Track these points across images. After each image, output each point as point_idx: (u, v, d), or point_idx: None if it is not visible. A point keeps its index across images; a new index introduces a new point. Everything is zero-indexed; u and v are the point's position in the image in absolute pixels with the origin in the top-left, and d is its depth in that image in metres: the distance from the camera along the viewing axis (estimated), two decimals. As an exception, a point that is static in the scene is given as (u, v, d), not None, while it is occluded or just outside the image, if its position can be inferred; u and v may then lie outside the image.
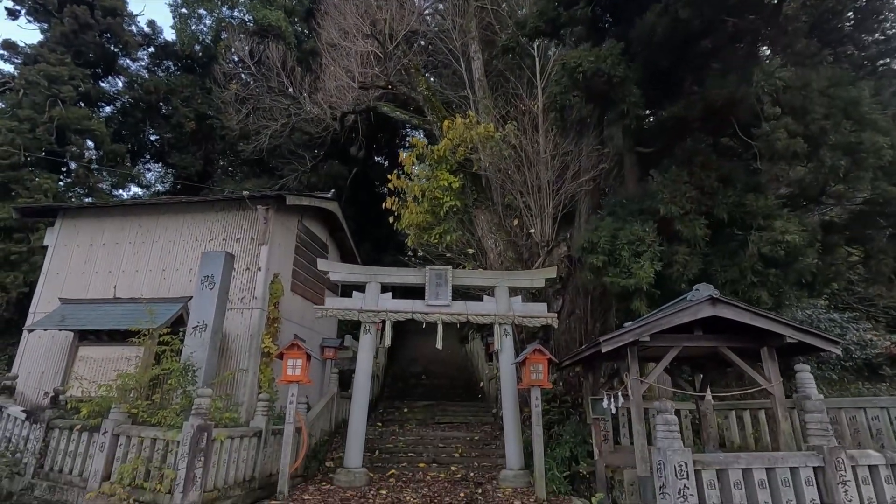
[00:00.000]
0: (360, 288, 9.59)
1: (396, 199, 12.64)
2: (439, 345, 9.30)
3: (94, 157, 21.97)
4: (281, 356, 7.73)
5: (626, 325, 7.98)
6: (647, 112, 9.42)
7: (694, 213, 8.99)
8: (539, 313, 9.55)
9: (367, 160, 26.57)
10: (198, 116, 24.48)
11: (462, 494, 7.88)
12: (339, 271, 9.61)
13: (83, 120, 19.36)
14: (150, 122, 24.58)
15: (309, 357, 7.92)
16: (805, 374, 6.44)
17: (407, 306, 9.47)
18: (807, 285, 8.85)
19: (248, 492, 7.19)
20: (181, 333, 8.69)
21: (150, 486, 6.17)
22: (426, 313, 9.39)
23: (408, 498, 7.61)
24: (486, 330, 20.56)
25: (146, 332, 7.99)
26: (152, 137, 26.18)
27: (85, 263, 11.35)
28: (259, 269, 10.70)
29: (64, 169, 21.27)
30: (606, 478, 7.64)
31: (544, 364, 7.96)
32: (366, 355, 9.15)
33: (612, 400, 6.93)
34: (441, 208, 11.81)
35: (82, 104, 21.51)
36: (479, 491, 8.16)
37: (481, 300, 9.81)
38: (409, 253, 27.77)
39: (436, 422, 13.37)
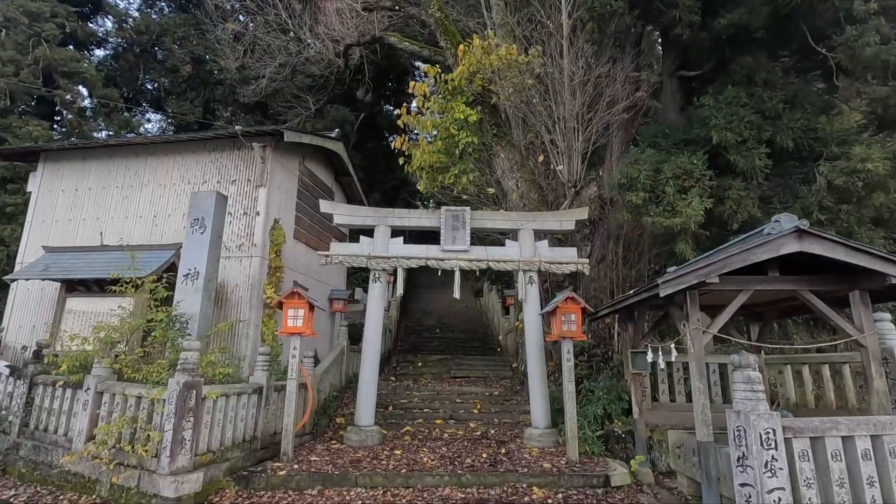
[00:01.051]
0: (369, 233, 8.61)
1: (407, 139, 11.45)
2: (457, 294, 8.38)
3: (88, 104, 20.84)
4: (280, 306, 6.87)
5: (668, 270, 6.95)
6: (700, 21, 7.96)
7: (753, 140, 7.72)
8: (568, 259, 8.52)
9: (375, 106, 25.05)
10: (194, 59, 22.97)
11: (484, 455, 7.16)
12: (343, 213, 8.61)
13: (71, 62, 18.09)
14: (144, 66, 23.14)
15: (312, 307, 7.05)
16: (887, 324, 5.44)
17: (420, 252, 8.50)
18: (883, 223, 7.65)
19: (249, 453, 6.52)
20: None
21: (136, 450, 5.47)
22: (442, 259, 8.42)
23: (425, 459, 6.91)
24: (501, 282, 19.74)
25: (135, 282, 7.14)
26: (149, 86, 24.82)
27: (71, 210, 10.49)
28: (257, 213, 9.74)
29: (58, 118, 20.26)
30: (646, 439, 6.84)
31: (577, 313, 7.01)
32: (376, 306, 8.28)
33: (660, 353, 6.00)
34: (456, 146, 10.62)
35: (71, 46, 20.17)
36: (503, 451, 7.44)
37: (503, 245, 8.78)
38: (422, 200, 26.65)
39: (452, 376, 12.70)
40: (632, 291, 5.79)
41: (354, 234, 9.03)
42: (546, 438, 7.67)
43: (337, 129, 13.22)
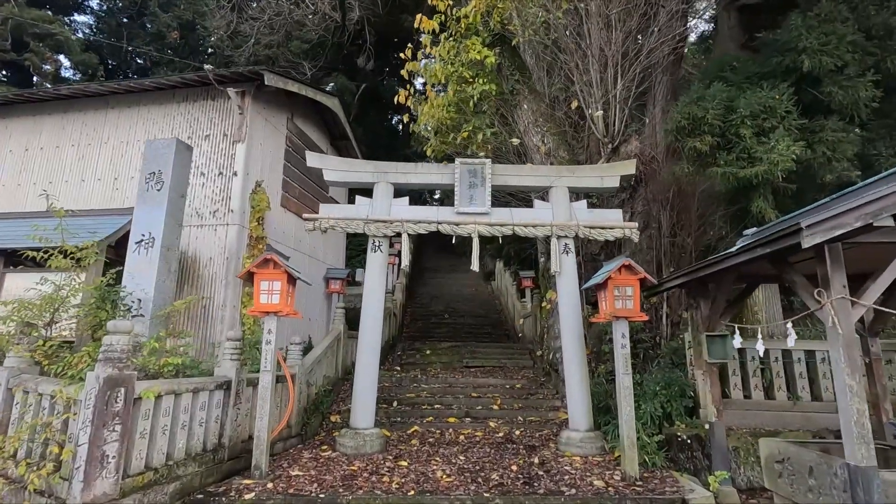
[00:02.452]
0: (368, 194, 7.03)
1: (413, 92, 9.80)
2: (475, 266, 6.80)
3: (69, 74, 19.26)
4: (250, 277, 5.31)
5: (746, 233, 5.33)
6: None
7: (855, 66, 6.02)
8: (612, 222, 6.90)
9: (378, 76, 23.27)
10: (181, 25, 21.30)
11: (514, 467, 5.63)
12: (335, 168, 7.00)
13: (43, 22, 16.49)
14: (128, 34, 21.47)
15: (292, 279, 5.49)
16: None
17: (430, 214, 6.91)
18: None
19: (211, 466, 5.02)
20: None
21: (46, 468, 3.97)
22: (456, 224, 6.82)
23: (438, 473, 5.38)
24: (515, 263, 18.13)
25: (67, 250, 5.61)
26: (137, 58, 23.17)
27: (20, 173, 8.96)
28: (235, 173, 8.16)
29: (35, 86, 18.71)
30: (728, 447, 5.27)
31: (635, 286, 5.41)
32: (375, 280, 6.72)
33: (755, 338, 4.40)
34: (471, 98, 8.97)
35: (49, 11, 18.53)
36: (536, 460, 5.90)
37: (531, 206, 7.16)
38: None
39: (465, 365, 11.17)
40: (734, 249, 4.16)
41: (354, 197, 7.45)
42: (589, 444, 6.13)
43: (332, 84, 11.56)
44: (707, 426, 5.49)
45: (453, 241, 7.14)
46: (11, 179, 8.94)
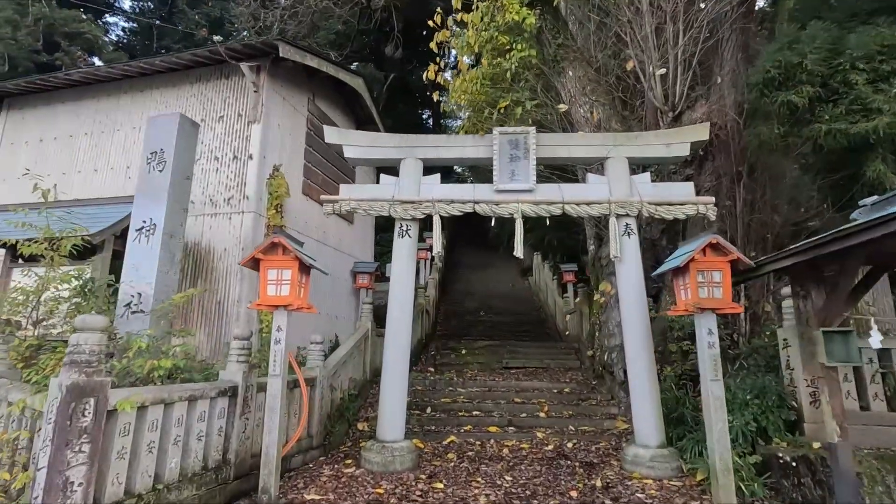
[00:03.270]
0: (394, 172, 6.16)
1: (443, 66, 8.89)
2: (518, 252, 5.81)
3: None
4: (255, 265, 4.51)
5: (863, 203, 4.13)
6: None
7: None
8: (683, 197, 5.78)
9: (405, 65, 22.47)
10: (210, 23, 21.11)
11: (573, 492, 4.62)
12: (356, 143, 6.15)
13: (73, 22, 16.47)
14: (158, 33, 21.46)
15: (306, 268, 4.66)
16: None
17: (465, 193, 5.97)
18: None
19: (214, 488, 4.25)
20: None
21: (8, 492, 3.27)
22: (496, 203, 5.85)
23: (482, 500, 4.44)
24: (554, 257, 16.94)
25: (56, 241, 4.97)
26: (166, 54, 23.24)
27: (35, 164, 8.54)
28: (250, 156, 7.45)
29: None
30: (855, 475, 4.10)
31: (724, 270, 4.30)
32: (403, 270, 5.83)
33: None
34: (507, 66, 7.98)
35: (85, 14, 18.60)
36: (598, 483, 4.88)
37: (582, 182, 6.13)
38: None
39: (504, 366, 10.19)
40: (868, 219, 3.05)
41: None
42: (662, 464, 5.05)
43: (356, 63, 10.79)
44: (820, 446, 4.33)
45: (492, 223, 6.17)
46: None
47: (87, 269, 6.25)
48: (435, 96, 9.33)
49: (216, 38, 6.96)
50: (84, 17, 17.15)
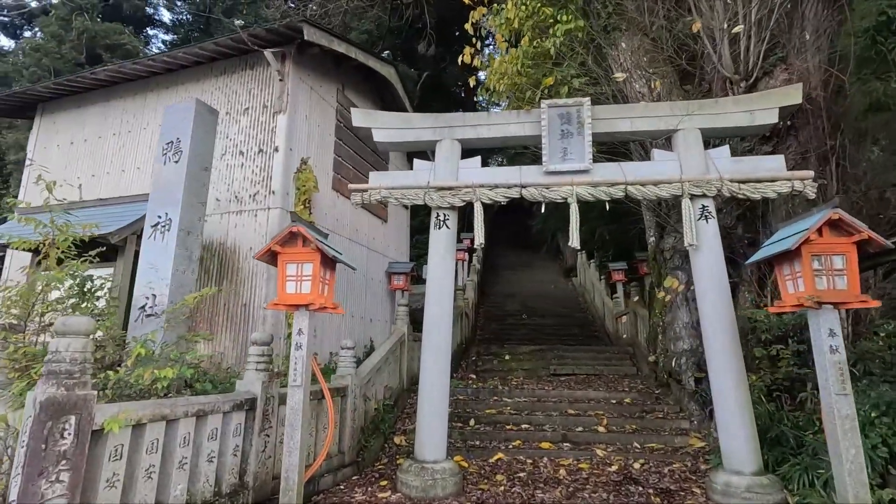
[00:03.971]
0: (429, 157, 5.51)
1: (480, 49, 8.21)
2: (575, 242, 5.01)
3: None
4: (272, 258, 3.92)
5: None
6: None
7: None
8: (773, 172, 4.84)
9: (440, 63, 21.93)
10: (243, 28, 21.26)
11: (654, 531, 3.78)
12: (387, 126, 5.52)
13: (114, 34, 16.80)
14: (193, 39, 21.78)
15: (330, 262, 4.04)
16: None
17: (510, 176, 5.23)
18: None
19: (228, 516, 3.67)
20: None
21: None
22: (547, 186, 5.09)
23: (541, 537, 3.67)
24: (602, 252, 15.87)
25: (51, 242, 4.57)
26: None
27: (66, 168, 8.42)
28: (276, 148, 6.98)
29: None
30: None
31: (849, 253, 3.38)
32: (441, 266, 5.14)
33: None
34: (551, 44, 7.22)
35: (125, 26, 19.06)
36: (683, 518, 4.01)
37: (647, 160, 5.28)
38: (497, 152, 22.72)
39: (552, 373, 9.34)
40: None
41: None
42: (762, 495, 4.12)
43: (387, 52, 10.25)
44: None
45: (541, 210, 5.39)
46: (59, 175, 8.37)
47: (85, 270, 5.89)
48: (471, 81, 8.62)
49: (238, 22, 6.54)
50: (125, 29, 17.48)
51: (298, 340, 3.84)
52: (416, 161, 5.44)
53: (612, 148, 6.84)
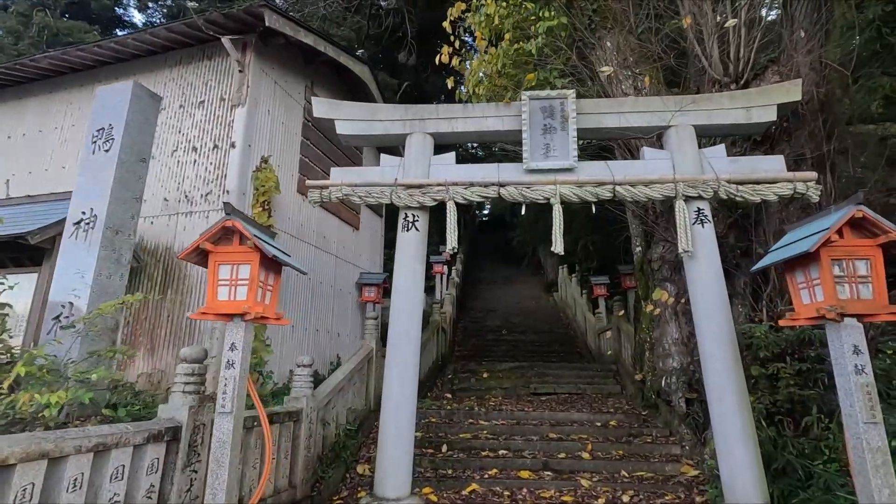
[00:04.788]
0: (399, 153, 4.97)
1: (458, 48, 7.81)
2: (558, 247, 4.49)
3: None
4: (203, 257, 3.29)
5: None
6: None
7: None
8: (773, 173, 4.44)
9: (420, 72, 21.61)
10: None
11: (652, 586, 3.20)
12: (350, 116, 4.97)
13: (78, 32, 16.00)
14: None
15: (274, 265, 3.43)
16: None
17: (487, 174, 4.71)
18: None
19: (135, 576, 2.96)
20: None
21: None
22: (528, 185, 4.58)
23: None
24: (585, 264, 15.46)
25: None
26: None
27: (1, 164, 7.61)
28: (232, 144, 6.35)
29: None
30: None
31: (874, 258, 2.93)
32: (410, 271, 4.56)
33: None
34: (532, 46, 6.87)
35: (90, 24, 18.25)
36: (683, 567, 3.44)
37: (635, 157, 4.83)
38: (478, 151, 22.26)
39: (533, 392, 8.78)
40: None
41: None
42: (770, 537, 3.59)
43: (362, 50, 9.78)
44: None
45: (522, 212, 4.89)
46: (-8, 172, 7.61)
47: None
48: (450, 83, 8.17)
49: (191, 4, 5.96)
50: (91, 28, 16.68)
51: (231, 357, 3.19)
52: (383, 156, 4.89)
53: (593, 152, 6.43)
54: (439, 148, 4.99)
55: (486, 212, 35.09)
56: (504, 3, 7.24)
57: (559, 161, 4.64)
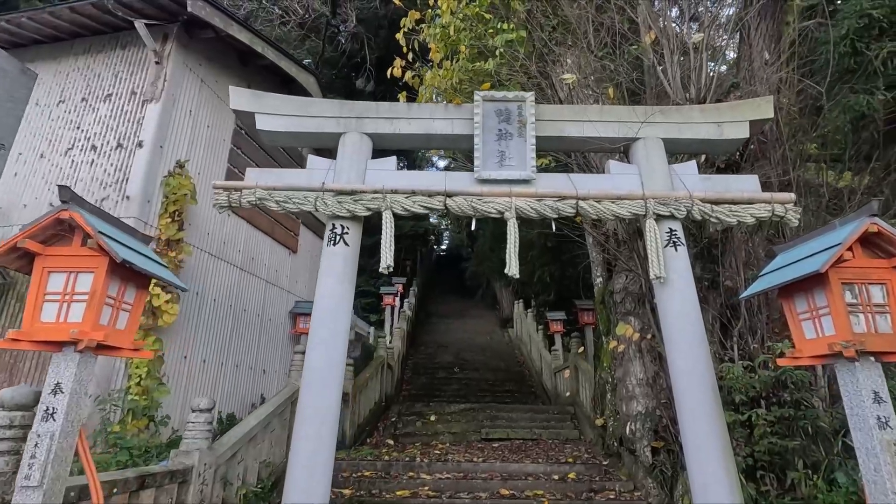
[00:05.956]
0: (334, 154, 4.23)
1: (411, 60, 7.30)
2: (513, 270, 3.80)
3: None
4: (26, 260, 2.38)
5: None
6: None
7: None
8: (749, 192, 3.99)
9: (378, 99, 21.22)
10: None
11: None
12: (275, 111, 4.21)
13: None
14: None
15: (137, 276, 2.54)
16: None
17: (433, 182, 4.02)
18: None
19: None
20: None
21: None
22: (479, 196, 3.92)
23: None
24: (542, 297, 14.94)
25: None
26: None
27: None
28: (139, 143, 5.42)
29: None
30: None
31: (892, 282, 2.40)
32: (334, 295, 3.73)
33: None
34: (489, 65, 6.49)
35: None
36: None
37: (600, 172, 4.31)
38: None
39: (484, 437, 7.95)
40: None
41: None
42: None
43: (308, 60, 9.12)
44: None
45: (472, 227, 4.22)
46: None
47: None
48: (401, 97, 7.61)
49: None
50: None
51: (51, 405, 2.24)
52: (311, 157, 4.14)
53: (547, 165, 5.94)
54: (381, 153, 4.30)
55: (443, 246, 34.67)
56: (461, 15, 6.83)
57: (515, 171, 4.03)
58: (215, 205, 3.83)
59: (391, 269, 3.71)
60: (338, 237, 3.82)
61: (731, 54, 7.78)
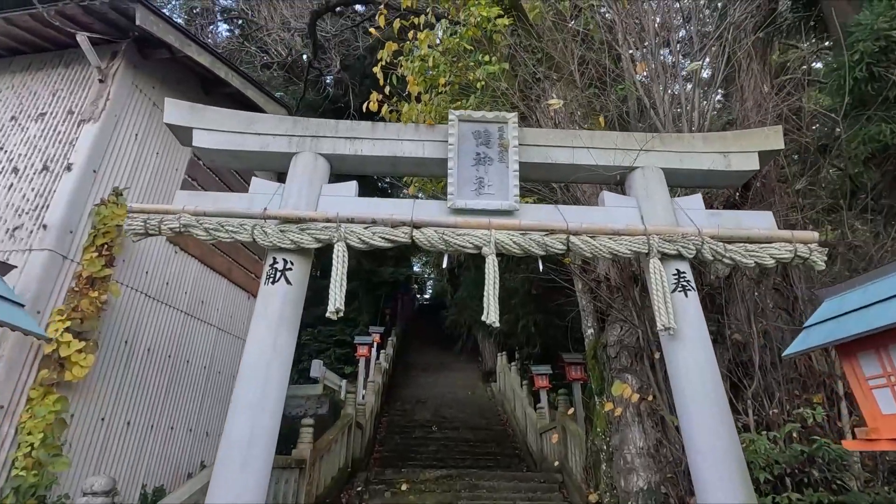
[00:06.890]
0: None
1: (389, 94, 6.90)
2: (492, 317, 3.12)
3: None
4: None
5: None
6: None
7: None
8: (766, 231, 3.44)
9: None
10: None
11: None
12: (217, 127, 3.59)
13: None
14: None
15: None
16: None
17: (398, 211, 3.39)
18: None
19: None
20: None
21: None
22: (453, 227, 3.29)
23: None
24: (527, 349, 14.10)
25: None
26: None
27: None
28: (68, 167, 4.73)
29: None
30: None
31: None
32: (267, 345, 2.98)
33: None
34: (471, 90, 6.15)
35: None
36: None
37: (593, 204, 3.74)
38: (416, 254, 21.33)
39: (462, 513, 6.92)
40: None
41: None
42: None
43: (280, 94, 8.68)
44: None
45: (444, 264, 3.57)
46: None
47: None
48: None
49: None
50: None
51: None
52: (255, 180, 3.50)
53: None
54: (340, 178, 3.69)
55: (426, 295, 33.79)
56: (441, 48, 6.49)
57: (495, 200, 3.44)
58: (127, 230, 3.12)
59: (341, 314, 2.99)
60: (278, 273, 3.11)
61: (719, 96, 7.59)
